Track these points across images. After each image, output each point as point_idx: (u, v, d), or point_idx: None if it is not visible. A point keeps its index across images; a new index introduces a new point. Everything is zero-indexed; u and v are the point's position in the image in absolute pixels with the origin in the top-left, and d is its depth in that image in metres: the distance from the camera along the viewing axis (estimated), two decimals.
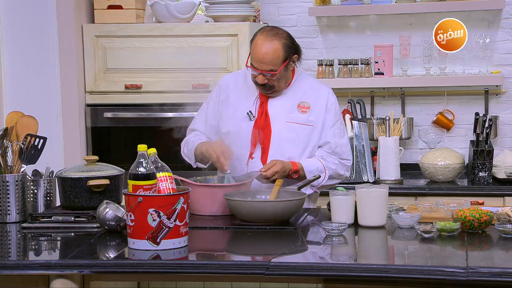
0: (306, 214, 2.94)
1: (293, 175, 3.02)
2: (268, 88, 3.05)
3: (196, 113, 3.97)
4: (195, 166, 3.22)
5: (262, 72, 3.00)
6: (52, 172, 3.00)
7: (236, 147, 3.09)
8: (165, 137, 4.10)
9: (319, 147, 3.14)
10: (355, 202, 2.74)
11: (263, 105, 3.11)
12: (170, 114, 4.04)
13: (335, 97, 3.18)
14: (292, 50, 3.04)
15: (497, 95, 4.30)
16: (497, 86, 4.27)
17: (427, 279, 2.21)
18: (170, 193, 2.50)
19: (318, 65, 4.31)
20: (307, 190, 3.09)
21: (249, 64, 3.03)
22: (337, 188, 2.85)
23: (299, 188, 2.98)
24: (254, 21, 4.31)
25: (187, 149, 3.21)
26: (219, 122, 3.18)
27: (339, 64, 4.32)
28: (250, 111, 3.11)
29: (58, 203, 2.97)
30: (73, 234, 2.72)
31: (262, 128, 3.10)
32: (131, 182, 2.47)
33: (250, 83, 3.13)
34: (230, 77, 3.26)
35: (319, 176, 3.06)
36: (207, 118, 3.23)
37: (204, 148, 3.08)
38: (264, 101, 3.12)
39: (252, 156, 3.10)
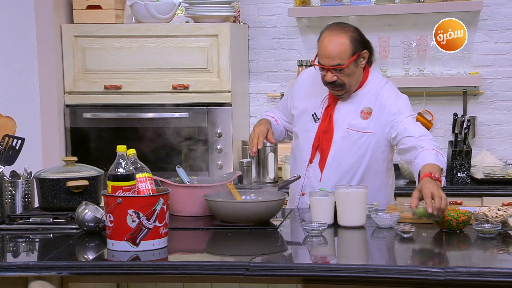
0: (287, 214, 2.95)
1: (441, 178, 2.73)
2: (339, 87, 2.95)
3: (175, 114, 4.00)
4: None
5: (330, 69, 2.91)
6: (31, 173, 2.98)
7: (299, 149, 3.06)
8: (145, 138, 4.10)
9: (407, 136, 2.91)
10: (335, 202, 2.75)
11: (329, 107, 3.03)
12: (150, 115, 4.03)
13: (390, 87, 3.02)
14: (361, 44, 2.95)
15: (475, 96, 4.34)
16: (475, 87, 4.31)
17: (405, 279, 2.23)
18: (150, 194, 2.49)
19: (298, 65, 4.32)
20: (443, 181, 2.75)
21: (316, 63, 2.96)
22: (320, 189, 2.86)
23: (279, 189, 2.99)
24: (234, 21, 4.31)
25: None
26: (291, 119, 3.17)
27: None
28: (315, 113, 3.05)
29: (36, 204, 2.95)
30: (51, 235, 2.70)
31: (324, 132, 3.01)
32: (110, 183, 2.46)
33: (322, 83, 3.04)
34: (308, 73, 3.16)
35: (299, 177, 3.05)
36: (284, 107, 3.22)
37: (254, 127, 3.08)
38: (331, 103, 3.03)
39: (311, 161, 3.04)
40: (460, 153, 3.98)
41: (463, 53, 4.20)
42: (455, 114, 4.13)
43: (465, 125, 4.01)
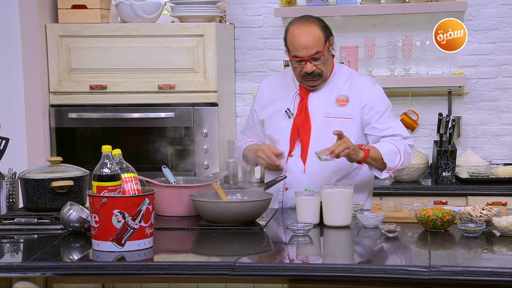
0: (273, 214, 2.95)
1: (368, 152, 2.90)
2: (317, 77, 3.00)
3: (161, 113, 4.00)
4: (248, 169, 3.28)
5: (309, 59, 2.95)
6: (15, 173, 2.96)
7: (276, 146, 3.07)
8: (131, 138, 4.08)
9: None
10: (321, 202, 2.76)
11: (303, 101, 3.07)
12: (135, 115, 4.02)
13: (376, 86, 3.10)
14: (328, 30, 3.02)
15: (460, 95, 4.36)
16: (460, 87, 4.33)
17: (390, 278, 2.24)
18: (135, 194, 2.48)
19: (284, 65, 4.32)
20: (382, 175, 2.98)
21: (292, 57, 2.98)
22: (306, 188, 2.86)
23: (266, 189, 2.99)
24: (220, 21, 4.30)
25: (237, 155, 3.23)
26: (263, 125, 3.17)
27: None
28: (288, 109, 3.08)
29: (21, 205, 2.93)
30: (36, 236, 2.69)
31: (301, 125, 3.05)
32: (95, 183, 2.45)
33: (288, 81, 3.11)
34: (269, 79, 3.24)
35: (285, 176, 3.06)
36: (253, 125, 3.22)
37: (250, 155, 3.08)
38: (304, 97, 3.07)
39: (291, 154, 3.06)
40: (445, 153, 4.00)
41: (448, 53, 4.23)
42: (440, 114, 4.15)
43: (450, 125, 4.03)
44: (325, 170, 3.02)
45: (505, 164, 4.20)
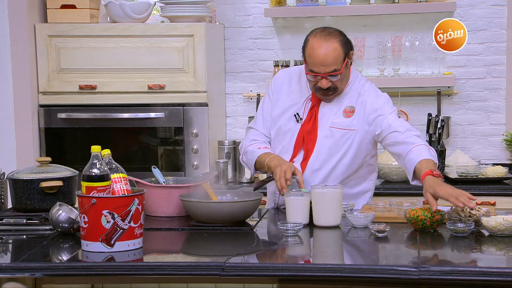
0: (263, 214, 2.95)
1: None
2: (332, 91, 2.94)
3: (151, 114, 3.99)
4: (255, 175, 3.20)
5: (325, 76, 2.90)
6: (4, 173, 2.95)
7: (279, 148, 3.04)
8: (120, 138, 4.08)
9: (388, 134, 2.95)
10: (310, 202, 2.76)
11: (313, 108, 3.01)
12: (125, 115, 4.01)
13: (382, 97, 3.03)
14: (349, 46, 2.95)
15: (449, 96, 4.38)
16: (449, 87, 4.35)
17: (380, 278, 2.24)
18: (125, 194, 2.48)
19: (274, 66, 4.32)
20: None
21: (308, 71, 2.91)
22: (300, 189, 2.85)
23: (255, 189, 2.99)
24: (210, 21, 4.30)
25: (246, 158, 3.09)
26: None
27: (295, 65, 4.34)
28: (297, 113, 3.03)
29: (10, 206, 2.92)
30: (25, 236, 2.68)
31: (308, 133, 2.99)
32: (84, 184, 2.44)
33: (303, 84, 3.05)
34: (285, 74, 3.13)
35: (272, 177, 3.04)
36: (264, 116, 3.12)
37: (272, 163, 2.91)
38: (315, 104, 3.01)
39: (293, 160, 3.00)
40: None
41: (437, 54, 4.24)
42: (429, 114, 4.17)
43: (439, 125, 4.05)
44: (323, 180, 2.99)
45: (494, 164, 4.21)
